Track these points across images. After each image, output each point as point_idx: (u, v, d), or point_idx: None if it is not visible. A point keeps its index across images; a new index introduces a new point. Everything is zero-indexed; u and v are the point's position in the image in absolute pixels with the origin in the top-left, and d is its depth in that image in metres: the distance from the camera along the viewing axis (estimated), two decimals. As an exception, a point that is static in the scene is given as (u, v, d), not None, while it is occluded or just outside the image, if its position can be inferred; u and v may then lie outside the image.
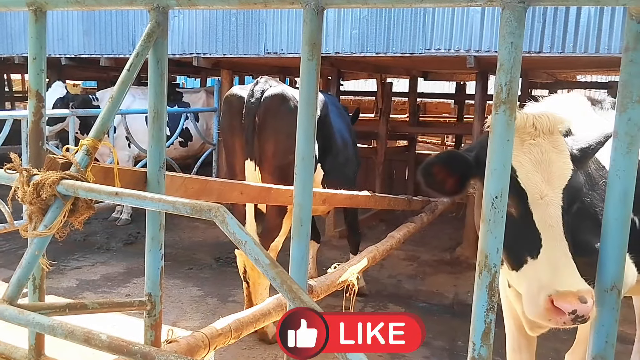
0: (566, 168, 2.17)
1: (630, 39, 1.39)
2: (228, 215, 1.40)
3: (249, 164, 4.66)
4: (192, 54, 7.95)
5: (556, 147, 2.19)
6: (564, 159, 2.18)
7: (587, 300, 1.88)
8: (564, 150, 2.21)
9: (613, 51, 5.71)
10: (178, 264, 6.83)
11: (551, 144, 2.18)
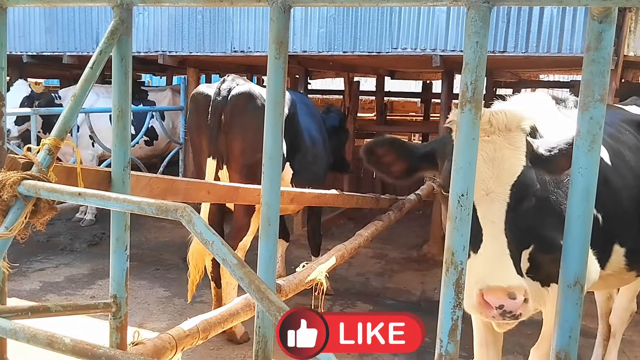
0: (518, 165, 2.17)
1: (592, 38, 1.41)
2: (195, 215, 1.38)
3: (211, 162, 4.62)
4: (158, 51, 7.85)
5: (512, 143, 2.20)
6: (517, 156, 2.18)
7: (516, 297, 1.90)
8: (520, 147, 2.21)
9: (575, 51, 5.83)
10: (144, 264, 6.74)
11: (507, 140, 2.19)
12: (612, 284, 3.55)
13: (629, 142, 3.31)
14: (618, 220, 2.92)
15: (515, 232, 2.11)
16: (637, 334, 5.21)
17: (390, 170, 2.45)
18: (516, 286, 1.93)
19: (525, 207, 2.19)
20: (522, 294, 1.93)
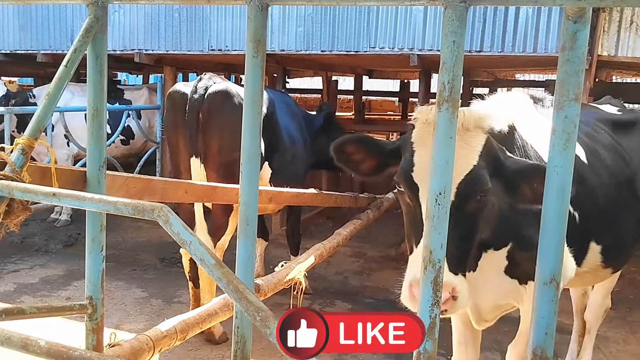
0: (467, 164, 2.16)
1: (567, 38, 1.43)
2: (172, 215, 1.37)
3: (195, 161, 4.59)
4: (134, 50, 7.78)
5: (467, 142, 2.19)
6: (469, 155, 2.18)
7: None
8: (474, 146, 2.21)
9: (550, 51, 5.91)
10: (121, 265, 6.67)
11: (463, 140, 2.18)
12: (588, 281, 3.60)
13: (605, 141, 3.36)
14: (594, 218, 2.96)
15: (459, 230, 2.11)
16: (612, 330, 5.30)
17: (360, 168, 2.48)
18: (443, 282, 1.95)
19: (473, 206, 2.18)
20: (448, 291, 1.97)
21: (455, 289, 2.01)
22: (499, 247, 2.64)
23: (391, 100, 17.21)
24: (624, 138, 3.63)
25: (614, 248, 3.17)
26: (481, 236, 2.31)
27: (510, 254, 2.66)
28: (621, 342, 5.10)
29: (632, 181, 3.40)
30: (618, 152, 3.40)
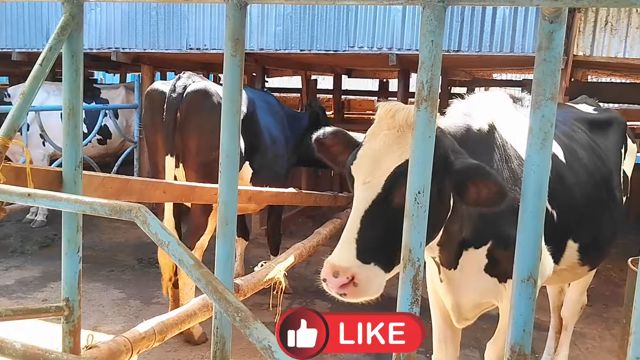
0: (400, 158, 2.18)
1: (543, 38, 1.44)
2: (149, 216, 1.36)
3: (169, 160, 4.55)
4: (111, 48, 7.71)
5: (405, 138, 2.20)
6: (403, 150, 2.19)
7: (338, 276, 2.01)
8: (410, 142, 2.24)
9: (526, 50, 5.98)
10: (98, 266, 6.59)
11: (402, 136, 2.21)
12: (565, 279, 3.64)
13: (582, 140, 3.41)
14: (572, 216, 2.99)
15: (379, 221, 2.14)
16: (588, 326, 5.38)
17: (338, 160, 2.54)
18: (342, 267, 2.03)
19: (398, 201, 2.14)
20: (346, 276, 2.01)
21: (357, 277, 2.03)
22: (479, 246, 2.66)
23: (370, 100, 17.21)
24: (600, 137, 3.68)
25: (591, 246, 3.21)
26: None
27: (490, 252, 2.68)
28: (597, 338, 5.18)
29: (608, 180, 3.45)
30: (595, 151, 3.45)
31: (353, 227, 2.12)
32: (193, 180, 4.35)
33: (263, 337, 1.22)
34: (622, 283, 5.51)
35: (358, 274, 2.04)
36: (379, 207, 2.15)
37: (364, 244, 2.09)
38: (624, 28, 5.76)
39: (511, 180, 2.65)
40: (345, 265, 2.03)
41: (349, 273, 2.02)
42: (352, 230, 2.11)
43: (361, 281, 2.05)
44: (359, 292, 2.07)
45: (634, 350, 1.30)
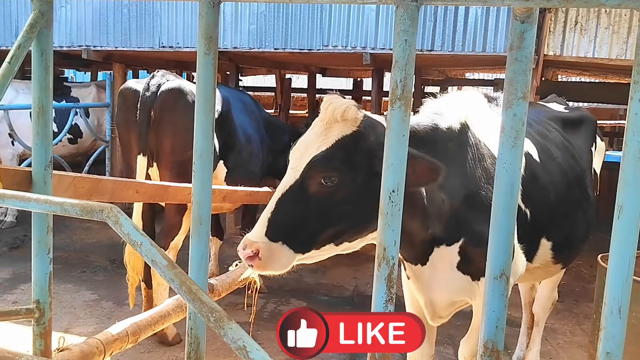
0: (320, 148, 2.32)
1: (515, 38, 1.46)
2: (122, 216, 1.34)
3: (141, 159, 4.51)
4: (81, 46, 7.61)
5: (329, 130, 2.35)
6: (324, 141, 2.34)
7: (246, 248, 2.22)
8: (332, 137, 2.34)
9: (498, 50, 6.06)
10: (70, 267, 6.50)
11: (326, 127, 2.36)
12: (539, 276, 3.68)
13: (556, 140, 3.45)
14: (545, 215, 3.03)
15: (294, 205, 2.31)
16: (559, 322, 5.47)
17: None
18: (249, 241, 2.23)
19: (315, 189, 2.32)
20: (251, 249, 2.21)
21: (261, 251, 2.21)
22: (451, 243, 2.68)
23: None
24: (572, 135, 3.74)
25: (564, 244, 3.25)
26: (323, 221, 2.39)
27: (462, 249, 2.70)
28: (568, 333, 5.27)
29: (582, 179, 3.50)
30: (569, 150, 3.49)
31: (269, 208, 2.30)
32: (167, 180, 4.33)
33: (238, 337, 1.21)
34: (592, 279, 5.62)
35: (262, 249, 2.22)
36: (294, 192, 2.31)
37: (274, 223, 2.27)
38: (593, 28, 5.87)
39: (484, 179, 2.68)
40: (252, 240, 2.23)
41: (254, 247, 2.22)
42: (268, 210, 2.29)
43: (264, 256, 2.23)
44: (262, 265, 2.25)
45: (604, 345, 1.32)
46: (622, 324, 1.31)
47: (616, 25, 5.81)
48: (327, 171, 2.30)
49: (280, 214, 2.28)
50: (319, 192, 2.32)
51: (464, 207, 2.64)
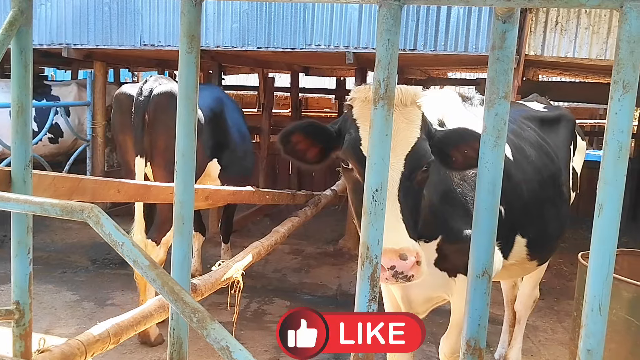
0: (412, 137, 2.25)
1: (497, 38, 1.47)
2: (103, 216, 1.32)
3: (139, 160, 4.69)
4: (62, 44, 7.52)
5: (406, 117, 2.27)
6: (411, 129, 2.26)
7: (407, 258, 2.00)
8: (415, 121, 2.29)
9: (480, 50, 6.10)
10: (50, 267, 6.43)
11: (402, 115, 2.26)
12: (515, 274, 3.72)
13: (531, 138, 3.49)
14: (520, 212, 3.06)
15: (410, 199, 2.20)
16: (540, 319, 5.52)
17: (306, 157, 2.46)
18: (407, 248, 2.03)
19: (420, 177, 2.27)
20: (413, 256, 2.02)
21: (419, 254, 2.05)
22: (430, 240, 2.70)
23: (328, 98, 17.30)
24: (550, 134, 3.78)
25: (539, 241, 3.29)
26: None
27: (439, 246, 2.72)
28: (549, 331, 5.32)
29: (556, 177, 3.54)
30: (544, 148, 3.53)
31: (393, 208, 2.10)
32: (161, 178, 4.55)
33: (221, 337, 1.20)
34: (573, 277, 5.68)
35: (419, 251, 2.06)
36: (407, 185, 2.20)
37: (407, 222, 2.11)
38: (574, 28, 5.93)
39: (459, 176, 2.72)
40: (409, 246, 2.04)
41: (414, 252, 2.03)
42: (392, 211, 2.08)
43: (422, 258, 2.07)
44: (422, 271, 2.08)
45: (585, 343, 1.34)
46: (603, 321, 1.32)
47: (596, 26, 5.87)
48: (428, 155, 2.27)
49: (406, 212, 2.14)
50: (421, 180, 2.29)
51: (441, 204, 2.67)
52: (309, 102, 18.35)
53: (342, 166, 2.38)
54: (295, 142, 2.43)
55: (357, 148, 2.25)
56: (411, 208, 2.20)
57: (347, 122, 2.36)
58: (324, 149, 2.45)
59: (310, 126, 2.43)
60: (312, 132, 2.42)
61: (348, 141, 2.30)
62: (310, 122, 2.47)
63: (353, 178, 2.34)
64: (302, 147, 2.44)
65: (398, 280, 2.03)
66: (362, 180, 2.24)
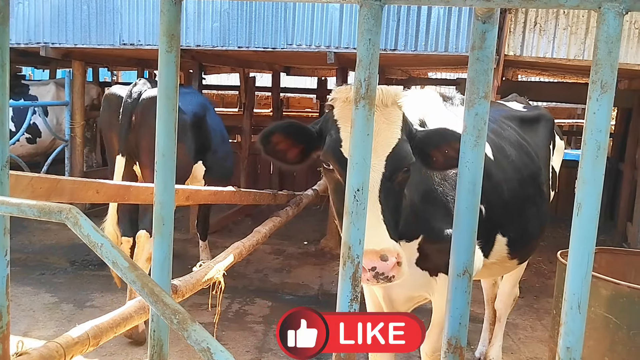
0: (392, 138, 2.25)
1: (477, 38, 1.48)
2: (81, 217, 1.31)
3: (120, 159, 4.86)
4: (40, 43, 7.43)
5: (387, 118, 2.27)
6: (392, 129, 2.26)
7: (388, 259, 2.00)
8: (395, 121, 2.29)
9: (460, 50, 6.14)
10: (28, 269, 6.35)
11: (383, 115, 2.26)
12: (496, 272, 3.75)
13: (511, 138, 3.52)
14: (500, 211, 3.09)
15: (391, 200, 2.21)
16: (520, 317, 5.57)
17: (287, 157, 2.44)
18: (388, 249, 2.03)
19: (401, 178, 2.28)
20: (394, 257, 2.02)
21: (400, 254, 2.06)
22: (411, 239, 2.71)
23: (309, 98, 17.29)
24: (529, 133, 3.81)
25: (519, 240, 3.32)
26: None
27: (421, 246, 2.73)
28: (529, 328, 5.37)
29: (536, 176, 3.57)
30: (524, 148, 3.56)
31: (373, 209, 2.09)
32: (147, 176, 4.82)
33: (202, 339, 1.19)
34: (552, 275, 5.74)
35: (400, 251, 2.06)
36: (388, 187, 2.20)
37: (388, 223, 2.11)
38: (552, 29, 6.00)
39: (440, 175, 2.73)
40: (390, 247, 2.04)
41: (395, 253, 2.03)
42: (373, 212, 2.08)
43: (403, 258, 2.07)
44: (403, 272, 2.08)
45: (564, 340, 1.35)
46: (582, 319, 1.33)
47: (574, 27, 5.95)
48: (409, 157, 2.27)
49: (387, 213, 2.14)
50: (402, 181, 2.29)
51: (422, 204, 2.68)
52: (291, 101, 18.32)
53: (323, 166, 2.37)
54: (275, 142, 2.40)
55: (337, 149, 2.25)
56: (392, 209, 2.21)
57: (328, 122, 2.36)
58: (305, 149, 2.44)
59: (291, 126, 2.41)
60: (293, 132, 2.39)
61: (328, 142, 2.30)
62: (291, 123, 2.44)
63: (334, 178, 2.33)
64: (283, 147, 2.41)
65: (379, 281, 2.04)
66: (343, 181, 2.25)
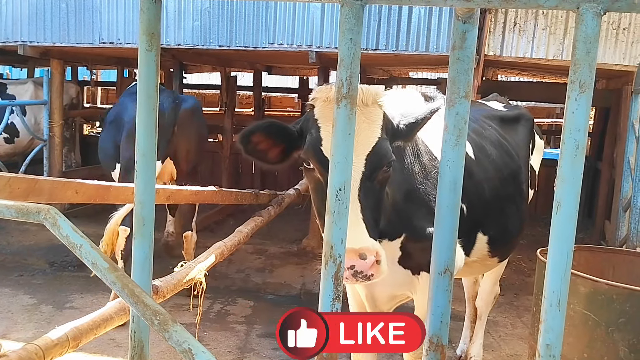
0: (372, 137, 2.26)
1: (457, 38, 1.49)
2: (60, 218, 1.29)
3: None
4: (17, 41, 7.34)
5: (368, 117, 2.28)
6: (372, 129, 2.27)
7: (367, 257, 2.02)
8: (376, 120, 2.30)
9: (441, 50, 6.17)
10: (6, 270, 6.27)
11: (363, 114, 2.26)
12: (477, 270, 3.78)
13: (492, 137, 3.54)
14: (481, 210, 3.11)
15: (370, 199, 2.22)
16: (501, 314, 5.62)
17: (267, 157, 2.43)
18: (367, 247, 2.04)
19: (380, 177, 2.29)
20: (373, 255, 2.03)
21: (379, 253, 2.06)
22: (393, 238, 2.72)
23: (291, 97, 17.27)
24: (509, 133, 3.84)
25: (499, 238, 3.35)
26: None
27: (403, 244, 2.74)
28: (509, 326, 5.42)
29: (516, 175, 3.60)
30: (504, 147, 3.59)
31: (354, 209, 2.09)
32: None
33: (183, 340, 1.19)
34: (532, 273, 5.81)
35: (379, 249, 2.07)
36: (368, 186, 2.20)
37: (367, 222, 2.12)
38: (531, 29, 6.06)
39: (422, 174, 2.74)
40: (368, 246, 2.05)
41: (374, 252, 2.04)
42: (353, 211, 2.08)
43: (382, 257, 2.08)
44: (382, 271, 2.09)
45: (544, 337, 1.36)
46: (561, 316, 1.35)
47: (553, 27, 6.01)
48: (389, 156, 2.28)
49: (366, 212, 2.15)
50: (382, 180, 2.29)
51: (404, 202, 2.69)
52: (272, 101, 18.28)
53: (303, 166, 2.37)
54: (256, 142, 2.39)
55: (317, 148, 2.25)
56: (372, 208, 2.21)
57: (309, 122, 2.35)
58: (286, 148, 2.43)
59: (271, 126, 2.40)
60: (274, 132, 2.38)
61: (309, 141, 2.29)
62: (271, 122, 2.43)
63: (314, 178, 2.33)
64: (264, 147, 2.40)
65: (358, 280, 2.04)
66: (323, 180, 2.25)
